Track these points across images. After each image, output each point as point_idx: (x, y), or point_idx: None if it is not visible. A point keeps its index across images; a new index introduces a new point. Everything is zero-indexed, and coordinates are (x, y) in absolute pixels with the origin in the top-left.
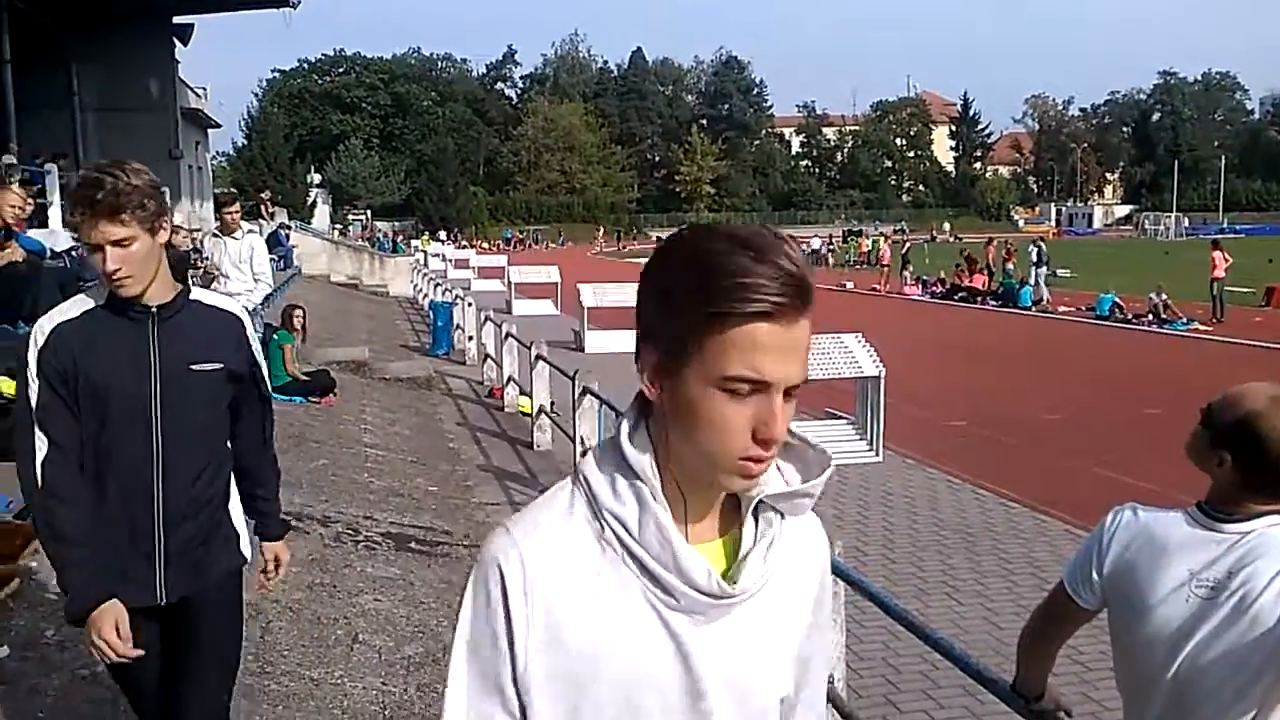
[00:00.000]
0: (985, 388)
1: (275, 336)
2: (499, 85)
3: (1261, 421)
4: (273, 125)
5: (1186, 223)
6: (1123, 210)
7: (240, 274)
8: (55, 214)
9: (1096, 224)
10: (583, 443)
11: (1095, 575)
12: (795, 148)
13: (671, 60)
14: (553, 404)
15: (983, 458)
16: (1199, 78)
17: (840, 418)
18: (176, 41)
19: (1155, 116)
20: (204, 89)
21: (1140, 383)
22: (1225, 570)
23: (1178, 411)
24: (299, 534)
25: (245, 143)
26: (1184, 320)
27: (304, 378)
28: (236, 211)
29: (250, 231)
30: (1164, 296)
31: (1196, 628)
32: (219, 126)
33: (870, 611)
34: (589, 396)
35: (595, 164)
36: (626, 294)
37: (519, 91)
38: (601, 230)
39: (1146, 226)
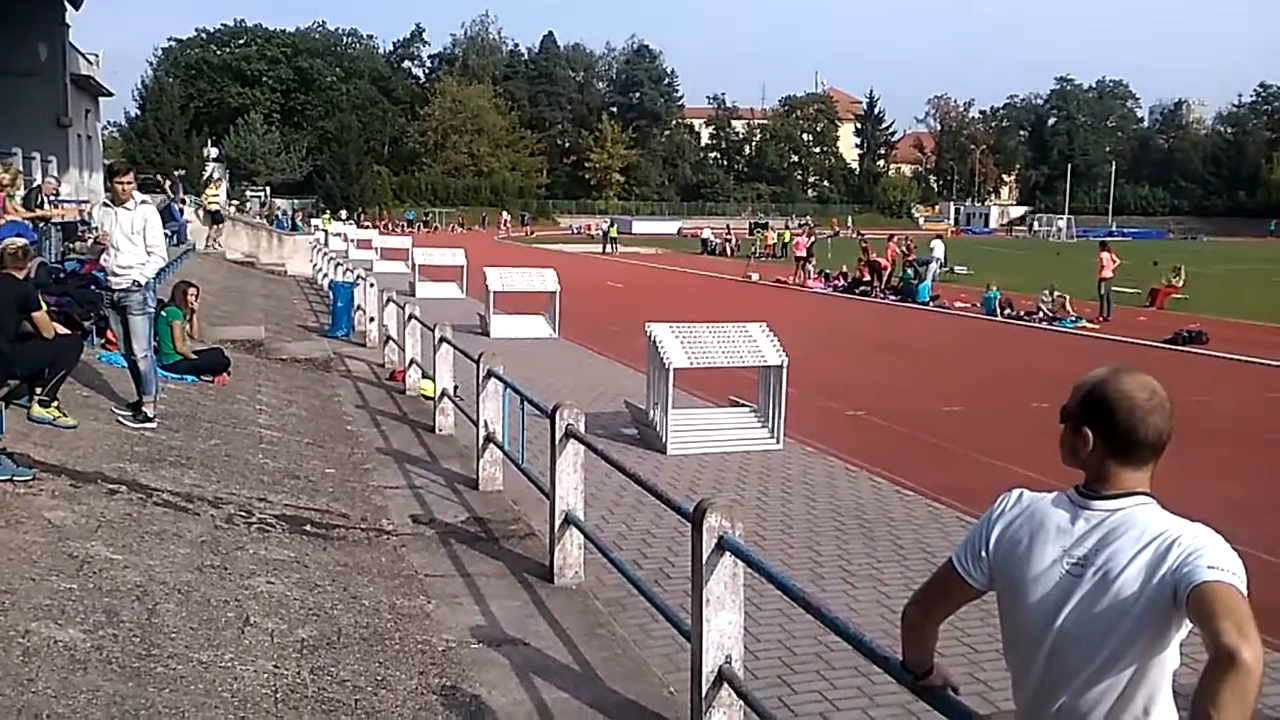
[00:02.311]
0: (883, 379)
1: (164, 313)
2: (406, 64)
3: (1105, 387)
4: (168, 96)
5: (1061, 223)
6: (1018, 211)
7: (133, 246)
8: None
9: (993, 224)
10: (486, 426)
11: (984, 554)
12: (705, 139)
13: (583, 46)
14: (456, 388)
15: (880, 447)
16: (1093, 85)
17: (743, 405)
18: (67, 5)
19: (1051, 121)
20: (96, 55)
21: (1030, 377)
22: (1091, 547)
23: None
24: (189, 515)
25: (139, 113)
26: (1073, 318)
27: (194, 356)
28: (130, 182)
29: (143, 202)
30: (1057, 294)
31: (1066, 601)
32: (111, 95)
33: (767, 594)
34: (493, 380)
35: (504, 147)
36: (533, 279)
37: (427, 71)
38: (506, 215)
39: (1037, 228)
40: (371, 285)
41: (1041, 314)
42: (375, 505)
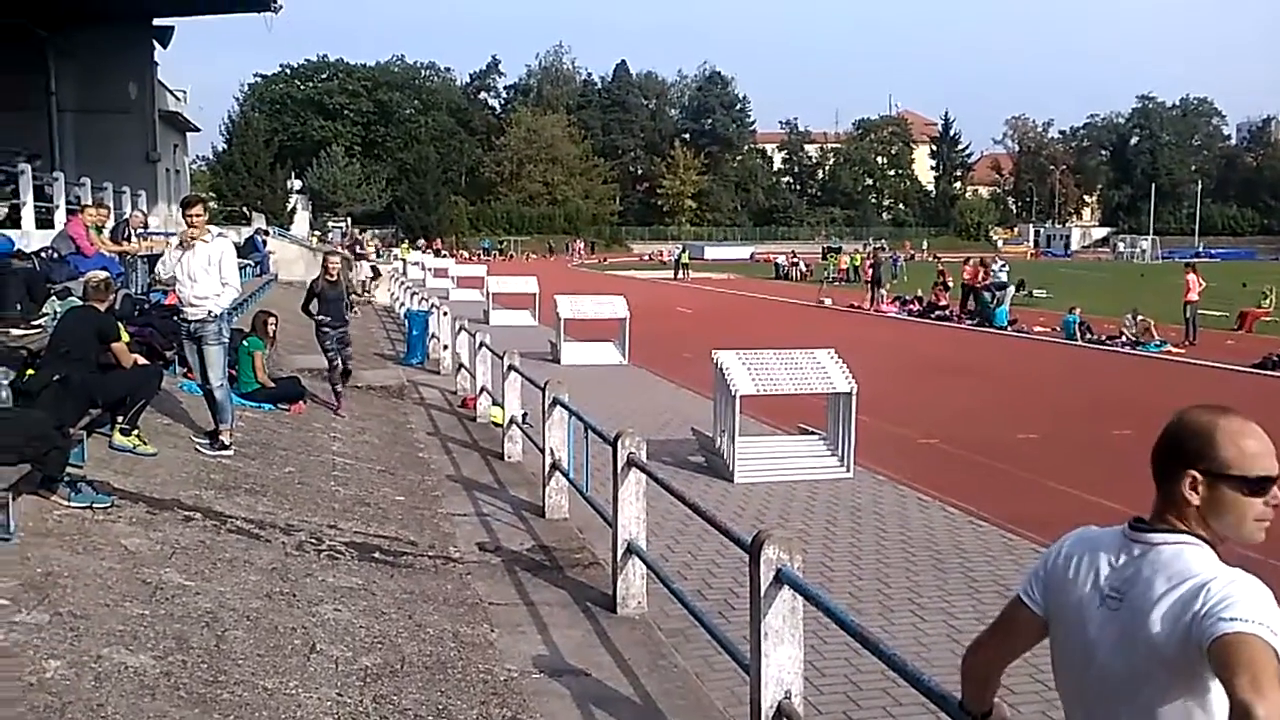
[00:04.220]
0: (958, 406)
1: (245, 343)
2: (482, 95)
3: (1174, 422)
4: (253, 130)
5: (1146, 244)
6: (1100, 232)
7: (208, 278)
8: (28, 214)
9: (1074, 246)
10: (552, 454)
11: (1041, 572)
12: (777, 164)
13: (655, 74)
14: (525, 415)
15: (953, 476)
16: (1177, 103)
17: (812, 433)
18: (156, 44)
19: (1133, 140)
20: (184, 91)
21: (1112, 403)
22: (1126, 579)
23: (1148, 432)
24: (260, 542)
25: (225, 147)
26: (1157, 342)
27: (272, 385)
28: (199, 214)
29: (220, 235)
30: (1140, 317)
31: (1104, 635)
32: (198, 130)
33: (834, 626)
34: (559, 408)
35: (577, 175)
36: (603, 306)
37: (502, 101)
38: (581, 242)
39: (1121, 249)
40: (445, 313)
41: (1124, 338)
42: (443, 532)
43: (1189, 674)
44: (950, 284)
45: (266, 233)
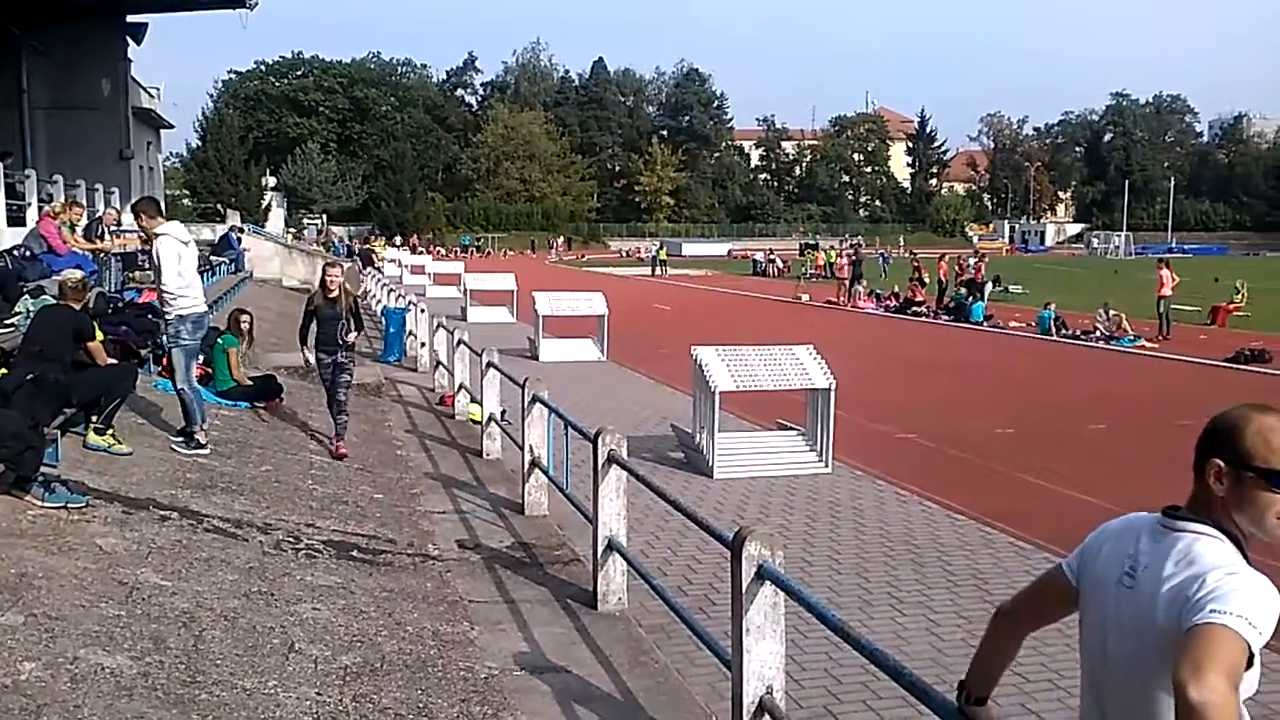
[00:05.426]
0: (936, 401)
1: (220, 341)
2: (459, 92)
3: (1216, 415)
4: (227, 127)
5: (1119, 240)
6: (1074, 228)
7: (161, 279)
8: None
9: (1049, 241)
10: (531, 451)
11: (1086, 547)
12: (754, 161)
13: (633, 71)
14: (504, 412)
15: (931, 471)
16: (1150, 100)
17: (791, 429)
18: (129, 40)
19: (1107, 137)
20: (157, 89)
21: (1087, 398)
22: (1144, 564)
23: (1122, 426)
24: (238, 541)
25: (199, 144)
26: (1131, 337)
27: (249, 382)
28: (135, 219)
29: (160, 234)
30: (1113, 312)
31: (1118, 614)
32: (172, 127)
33: (814, 621)
34: (538, 405)
35: (555, 173)
36: (581, 303)
37: (479, 98)
38: (559, 239)
39: (1095, 245)
40: (423, 311)
41: (1098, 333)
42: (422, 530)
43: None
44: (926, 280)
45: (241, 230)
